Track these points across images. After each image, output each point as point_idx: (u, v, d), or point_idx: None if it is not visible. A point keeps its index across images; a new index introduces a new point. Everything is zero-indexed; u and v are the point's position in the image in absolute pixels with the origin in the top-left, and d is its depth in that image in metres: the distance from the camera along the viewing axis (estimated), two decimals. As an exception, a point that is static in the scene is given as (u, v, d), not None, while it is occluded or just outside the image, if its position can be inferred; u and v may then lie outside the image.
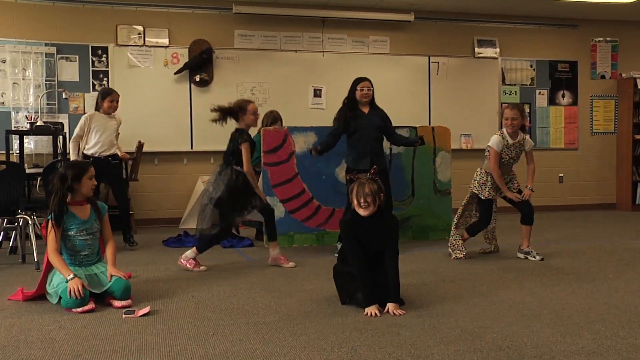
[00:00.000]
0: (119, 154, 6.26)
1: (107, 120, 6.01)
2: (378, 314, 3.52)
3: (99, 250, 4.13)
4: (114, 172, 6.11)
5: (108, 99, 5.97)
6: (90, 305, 3.70)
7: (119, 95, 6.13)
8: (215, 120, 5.12)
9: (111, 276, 3.89)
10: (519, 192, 5.43)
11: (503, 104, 5.56)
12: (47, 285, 3.90)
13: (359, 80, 5.59)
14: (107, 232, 4.16)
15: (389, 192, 5.55)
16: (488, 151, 5.38)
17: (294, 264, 5.09)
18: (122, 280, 3.87)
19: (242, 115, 5.15)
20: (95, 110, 6.08)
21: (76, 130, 5.97)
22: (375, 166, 4.19)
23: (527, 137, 5.48)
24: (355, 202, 3.72)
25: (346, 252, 3.79)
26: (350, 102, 5.58)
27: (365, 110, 5.57)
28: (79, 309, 3.64)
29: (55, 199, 3.89)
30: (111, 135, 6.02)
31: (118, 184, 6.18)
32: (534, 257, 5.33)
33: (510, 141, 5.33)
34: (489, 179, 5.37)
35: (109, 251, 4.10)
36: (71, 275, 3.72)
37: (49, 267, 3.91)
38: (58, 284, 3.78)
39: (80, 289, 3.66)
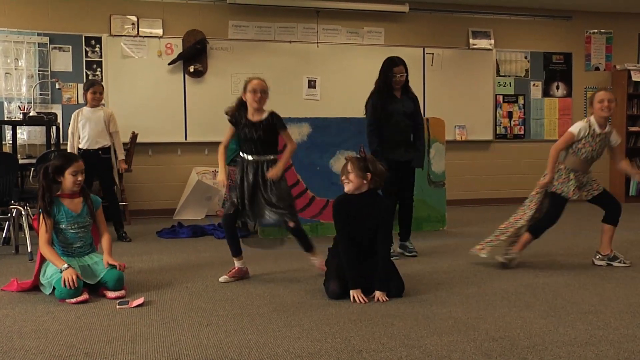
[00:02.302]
0: (116, 153, 6.11)
1: (92, 114, 5.94)
2: (362, 298, 3.59)
3: (92, 242, 4.11)
4: (103, 165, 5.98)
5: (90, 92, 5.91)
6: (84, 296, 3.69)
7: (102, 87, 6.07)
8: None
9: (107, 264, 3.88)
10: (602, 195, 4.76)
11: (590, 90, 4.74)
12: (40, 276, 3.89)
13: (393, 64, 5.07)
14: (101, 225, 4.15)
15: (413, 186, 5.25)
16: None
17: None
18: (115, 270, 3.86)
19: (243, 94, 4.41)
20: (85, 104, 6.06)
21: (69, 128, 5.96)
22: (362, 145, 4.11)
23: (614, 129, 4.75)
24: (341, 178, 3.81)
25: (335, 230, 3.83)
26: (385, 87, 5.07)
27: (398, 94, 5.15)
28: (73, 300, 3.63)
29: (39, 190, 3.88)
30: (97, 127, 5.91)
31: (106, 178, 6.05)
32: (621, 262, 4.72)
33: (598, 131, 4.61)
34: (572, 176, 4.64)
35: (104, 241, 4.09)
36: (65, 265, 3.71)
37: (43, 258, 3.90)
38: (52, 275, 3.77)
39: (74, 279, 3.65)
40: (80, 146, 5.92)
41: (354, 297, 3.61)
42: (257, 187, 4.22)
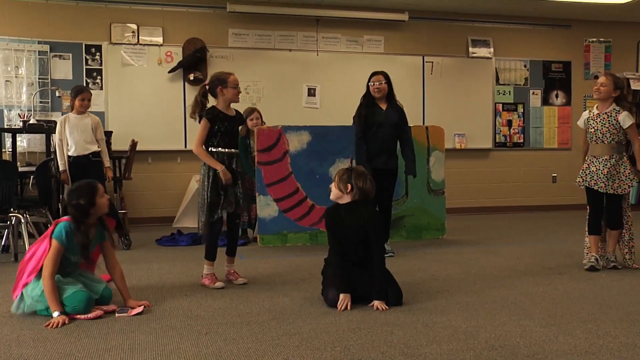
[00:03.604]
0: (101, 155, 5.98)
1: (79, 120, 5.85)
2: (348, 305, 3.61)
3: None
4: (95, 168, 5.87)
5: (79, 98, 5.82)
6: (99, 311, 3.54)
7: (91, 94, 5.99)
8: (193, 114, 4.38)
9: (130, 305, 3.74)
10: (607, 197, 4.82)
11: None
12: (29, 290, 3.59)
13: (372, 74, 5.45)
14: (112, 258, 3.82)
15: (392, 194, 5.54)
16: None
17: (245, 281, 4.43)
18: (108, 288, 3.80)
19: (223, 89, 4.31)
20: (71, 110, 5.99)
21: (56, 135, 5.86)
22: (352, 157, 4.17)
23: (625, 111, 4.73)
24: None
25: (327, 237, 3.88)
26: (367, 98, 5.44)
27: (383, 106, 5.42)
28: (83, 316, 3.46)
29: (81, 231, 3.57)
30: (85, 133, 5.83)
31: (99, 181, 5.97)
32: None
33: (596, 111, 4.82)
34: (588, 161, 4.89)
35: (118, 278, 3.79)
36: (57, 313, 3.43)
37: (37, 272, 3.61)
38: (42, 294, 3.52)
39: (60, 324, 3.38)
40: (70, 153, 5.82)
41: (342, 300, 3.61)
42: (236, 179, 4.34)
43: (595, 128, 4.81)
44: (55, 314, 3.42)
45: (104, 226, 3.80)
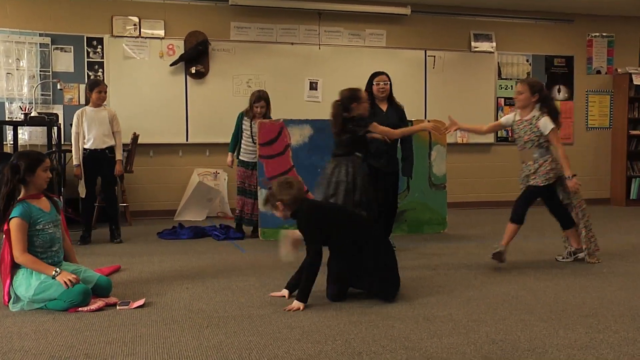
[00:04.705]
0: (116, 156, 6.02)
1: (96, 114, 5.90)
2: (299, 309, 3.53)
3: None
4: (109, 164, 5.95)
5: (96, 91, 5.88)
6: (101, 302, 3.54)
7: (106, 86, 6.06)
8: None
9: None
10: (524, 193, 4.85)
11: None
12: (21, 290, 3.53)
13: (375, 75, 5.38)
14: (64, 231, 3.89)
15: (396, 194, 5.54)
16: None
17: None
18: (103, 276, 3.82)
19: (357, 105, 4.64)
20: (86, 103, 6.03)
21: (73, 128, 5.90)
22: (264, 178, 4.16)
23: (545, 117, 4.65)
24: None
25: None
26: (369, 98, 5.26)
27: (384, 106, 5.36)
28: (86, 308, 3.47)
29: (6, 192, 3.55)
30: (102, 127, 5.89)
31: (109, 178, 6.01)
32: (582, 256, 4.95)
33: (517, 117, 4.81)
34: (520, 170, 4.91)
35: (69, 247, 3.89)
36: (57, 270, 3.50)
37: (13, 271, 3.58)
38: (41, 292, 3.49)
39: (73, 277, 3.48)
40: (87, 146, 5.86)
41: (294, 306, 3.52)
42: None
43: (519, 135, 4.79)
44: (54, 272, 3.49)
45: (55, 206, 3.81)
